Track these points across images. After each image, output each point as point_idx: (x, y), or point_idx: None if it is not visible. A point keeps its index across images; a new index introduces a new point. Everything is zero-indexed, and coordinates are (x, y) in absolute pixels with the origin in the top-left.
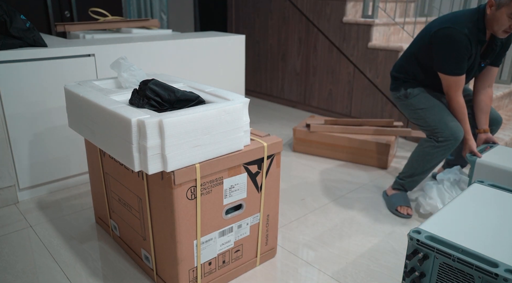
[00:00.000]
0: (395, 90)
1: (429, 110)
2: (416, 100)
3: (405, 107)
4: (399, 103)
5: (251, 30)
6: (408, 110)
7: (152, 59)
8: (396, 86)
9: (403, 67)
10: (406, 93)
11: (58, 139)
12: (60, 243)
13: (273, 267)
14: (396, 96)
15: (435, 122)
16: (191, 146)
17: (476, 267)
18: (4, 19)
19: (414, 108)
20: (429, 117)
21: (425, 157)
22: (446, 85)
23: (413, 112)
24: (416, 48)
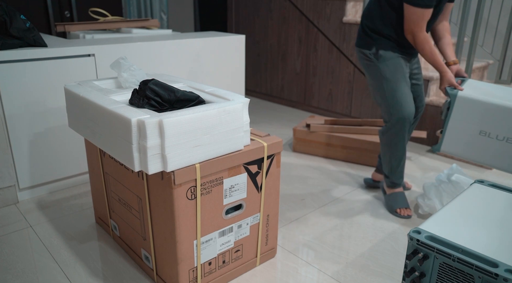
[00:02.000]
0: (366, 47)
1: (391, 84)
2: (385, 66)
3: (371, 70)
4: (365, 63)
5: (251, 30)
6: (372, 74)
7: (152, 59)
8: (367, 43)
9: (375, 18)
10: (378, 54)
11: (58, 139)
12: (60, 243)
13: (273, 267)
14: (364, 55)
15: (393, 101)
16: (191, 146)
17: (476, 267)
18: (4, 19)
19: (379, 75)
20: (389, 92)
21: (390, 147)
22: (412, 21)
23: (376, 79)
24: None
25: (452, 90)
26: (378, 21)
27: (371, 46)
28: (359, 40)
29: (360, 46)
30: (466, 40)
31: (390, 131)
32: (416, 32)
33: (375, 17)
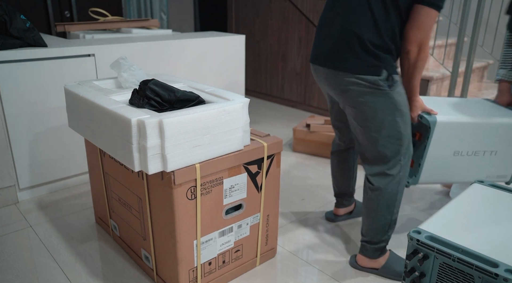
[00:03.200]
0: (373, 72)
1: (406, 117)
2: (399, 95)
3: (377, 103)
4: (366, 96)
5: (251, 30)
6: (379, 108)
7: (152, 59)
8: (373, 66)
9: (381, 28)
10: (392, 80)
11: (58, 139)
12: (60, 243)
13: (273, 267)
14: (368, 84)
15: (406, 139)
16: (191, 146)
17: (476, 267)
18: (4, 19)
19: (392, 108)
20: (404, 129)
21: (394, 200)
22: (425, 29)
23: (385, 114)
24: None
25: (430, 117)
26: (385, 32)
27: (380, 70)
28: (356, 64)
29: (360, 73)
30: (466, 40)
31: (398, 176)
32: (425, 44)
33: (381, 27)
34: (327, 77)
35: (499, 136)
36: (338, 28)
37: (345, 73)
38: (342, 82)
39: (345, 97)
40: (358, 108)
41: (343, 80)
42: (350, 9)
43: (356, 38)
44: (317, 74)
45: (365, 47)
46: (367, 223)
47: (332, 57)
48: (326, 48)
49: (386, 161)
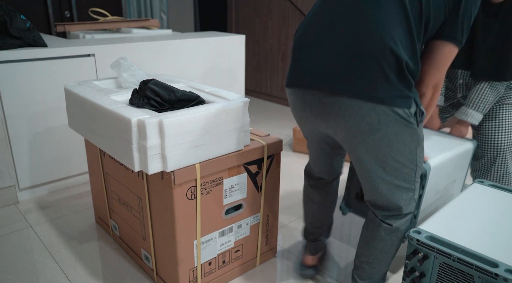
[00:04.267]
0: (404, 104)
1: (422, 145)
2: (421, 130)
3: (403, 136)
4: (400, 129)
5: (251, 30)
6: (402, 141)
7: (152, 59)
8: (405, 97)
9: (415, 50)
10: (420, 113)
11: (58, 139)
12: (60, 243)
13: (273, 267)
14: (399, 117)
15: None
16: (191, 146)
17: (476, 267)
18: (4, 19)
19: (414, 141)
20: (419, 158)
21: (402, 239)
22: (445, 65)
23: (407, 146)
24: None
25: (425, 164)
26: (419, 55)
27: (410, 102)
28: (389, 92)
29: (394, 104)
30: None
31: (410, 214)
32: (440, 85)
33: (417, 48)
34: (334, 108)
35: (460, 164)
36: (361, 37)
37: (375, 104)
38: (367, 117)
39: (368, 137)
40: (378, 150)
41: (369, 113)
42: (379, 12)
43: (393, 57)
44: (307, 103)
45: (401, 71)
46: (372, 265)
47: (350, 80)
48: (335, 65)
49: (397, 208)
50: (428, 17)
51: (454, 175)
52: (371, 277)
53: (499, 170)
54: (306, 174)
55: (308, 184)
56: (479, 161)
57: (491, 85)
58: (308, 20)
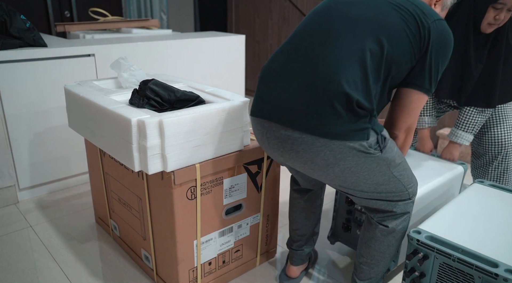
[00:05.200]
0: (360, 137)
1: (402, 164)
2: (390, 150)
3: (371, 166)
4: (359, 160)
5: (251, 30)
6: (374, 171)
7: (152, 59)
8: (360, 128)
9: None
10: (382, 140)
11: (58, 139)
12: (60, 243)
13: (273, 267)
14: (358, 149)
15: (409, 177)
16: (191, 145)
17: (476, 267)
18: (4, 19)
19: (389, 166)
20: (404, 175)
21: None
22: (415, 112)
23: (384, 173)
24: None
25: None
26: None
27: (367, 133)
28: (341, 127)
29: (347, 139)
30: None
31: (407, 214)
32: (413, 128)
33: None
34: (287, 143)
35: (450, 190)
36: (316, 75)
37: (327, 139)
38: (321, 153)
39: (327, 171)
40: (344, 179)
41: (323, 149)
42: (336, 51)
43: (344, 96)
44: (264, 134)
45: (351, 108)
46: (370, 266)
47: (303, 115)
48: (290, 100)
49: (394, 208)
50: (390, 62)
51: (436, 203)
52: (370, 278)
53: (499, 166)
54: (291, 179)
55: (292, 189)
56: (480, 159)
57: (478, 110)
58: (277, 51)
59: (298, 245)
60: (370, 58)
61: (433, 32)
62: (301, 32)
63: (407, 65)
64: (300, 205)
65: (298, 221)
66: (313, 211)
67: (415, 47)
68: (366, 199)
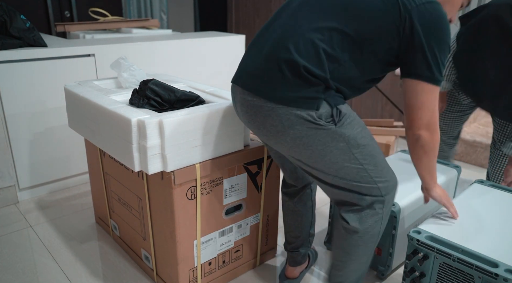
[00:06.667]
0: (308, 106)
1: (368, 146)
2: (350, 127)
3: (325, 140)
4: (310, 132)
5: (251, 30)
6: (330, 146)
7: (152, 59)
8: (308, 97)
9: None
10: (337, 114)
11: (58, 139)
12: (60, 243)
13: (273, 267)
14: (305, 118)
15: (380, 169)
16: (191, 146)
17: (476, 267)
18: (4, 19)
19: (348, 145)
20: (368, 160)
21: (376, 238)
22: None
23: (343, 152)
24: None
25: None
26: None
27: (317, 103)
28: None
29: (293, 105)
30: None
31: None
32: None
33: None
34: (244, 105)
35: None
36: (271, 42)
37: (273, 104)
38: (269, 118)
39: (279, 139)
40: (298, 151)
41: (270, 114)
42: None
43: (289, 61)
44: (235, 97)
45: (300, 74)
46: (336, 268)
47: (257, 80)
48: (253, 66)
49: (360, 201)
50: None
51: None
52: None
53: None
54: (282, 181)
55: (282, 192)
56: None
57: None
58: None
59: (293, 247)
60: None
61: (417, 15)
62: (282, 6)
63: (382, 43)
64: (291, 208)
65: (291, 223)
66: (304, 213)
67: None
68: (331, 186)
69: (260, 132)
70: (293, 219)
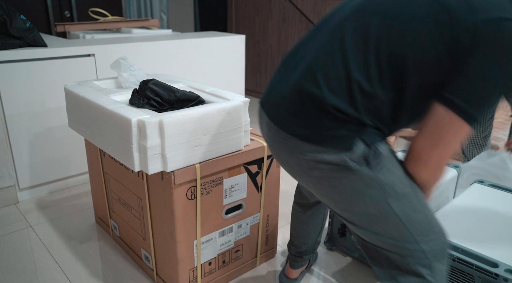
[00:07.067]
0: (338, 145)
1: (410, 198)
2: (389, 172)
3: (356, 185)
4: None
5: (251, 30)
6: (362, 194)
7: (152, 59)
8: (339, 135)
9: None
10: (374, 154)
11: (58, 139)
12: (60, 243)
13: (273, 267)
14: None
15: (425, 226)
16: (191, 145)
17: (476, 267)
18: (4, 19)
19: (384, 193)
20: (414, 219)
21: None
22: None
23: (377, 201)
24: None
25: None
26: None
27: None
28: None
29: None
30: None
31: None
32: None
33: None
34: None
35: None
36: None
37: (298, 140)
38: (293, 155)
39: (304, 178)
40: (326, 195)
41: (295, 151)
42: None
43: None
44: (260, 120)
45: (326, 110)
46: None
47: (285, 109)
48: (280, 91)
49: (401, 264)
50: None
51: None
52: None
53: None
54: (296, 190)
55: (295, 202)
56: None
57: None
58: None
59: (297, 252)
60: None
61: (482, 35)
62: (324, 18)
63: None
64: (301, 219)
65: (298, 231)
66: (314, 225)
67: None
68: (363, 240)
69: (286, 168)
70: (302, 228)
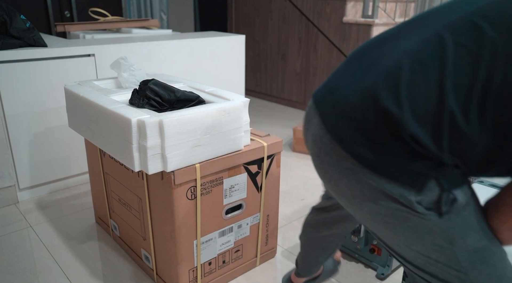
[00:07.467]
0: (406, 181)
1: (489, 253)
2: (462, 221)
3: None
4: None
5: (251, 30)
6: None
7: (152, 59)
8: (410, 170)
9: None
10: (448, 201)
11: (58, 139)
12: (60, 243)
13: (273, 267)
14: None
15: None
16: (191, 146)
17: None
18: (4, 19)
19: (452, 245)
20: (486, 273)
21: None
22: None
23: (441, 251)
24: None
25: None
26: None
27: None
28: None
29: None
30: None
31: None
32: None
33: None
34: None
35: None
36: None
37: (357, 163)
38: (346, 176)
39: (348, 200)
40: (376, 227)
41: (348, 173)
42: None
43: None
44: (307, 120)
45: (398, 136)
46: None
47: (346, 119)
48: (343, 94)
49: None
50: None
51: None
52: None
53: None
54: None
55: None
56: None
57: None
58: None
59: (302, 269)
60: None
61: None
62: (419, 16)
63: None
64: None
65: (308, 251)
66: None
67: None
68: (409, 270)
69: (330, 186)
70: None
